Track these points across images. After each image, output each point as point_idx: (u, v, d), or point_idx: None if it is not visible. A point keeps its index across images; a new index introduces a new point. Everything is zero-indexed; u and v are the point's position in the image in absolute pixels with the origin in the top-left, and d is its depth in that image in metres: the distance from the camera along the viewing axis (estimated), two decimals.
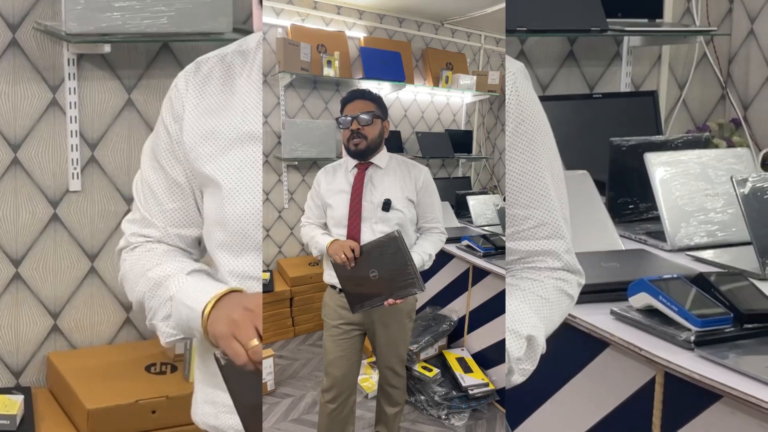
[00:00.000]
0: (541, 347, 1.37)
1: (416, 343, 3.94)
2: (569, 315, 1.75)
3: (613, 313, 1.82)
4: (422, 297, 4.25)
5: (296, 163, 5.08)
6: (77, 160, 3.08)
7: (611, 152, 2.59)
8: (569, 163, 2.51)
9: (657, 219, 2.41)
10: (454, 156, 6.17)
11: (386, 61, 5.53)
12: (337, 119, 2.76)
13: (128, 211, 1.52)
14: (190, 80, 1.39)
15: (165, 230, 1.41)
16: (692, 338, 1.61)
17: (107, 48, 2.84)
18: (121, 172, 3.19)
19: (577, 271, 1.43)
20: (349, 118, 2.67)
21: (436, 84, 6.04)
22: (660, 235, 2.38)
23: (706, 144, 2.70)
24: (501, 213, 4.13)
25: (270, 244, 4.80)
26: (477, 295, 3.94)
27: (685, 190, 2.40)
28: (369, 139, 2.67)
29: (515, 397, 1.42)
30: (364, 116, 2.67)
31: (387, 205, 2.64)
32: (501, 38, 6.63)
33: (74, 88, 3.02)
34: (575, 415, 2.07)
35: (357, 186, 2.69)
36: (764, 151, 2.85)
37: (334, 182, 2.73)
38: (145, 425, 2.77)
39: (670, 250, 2.32)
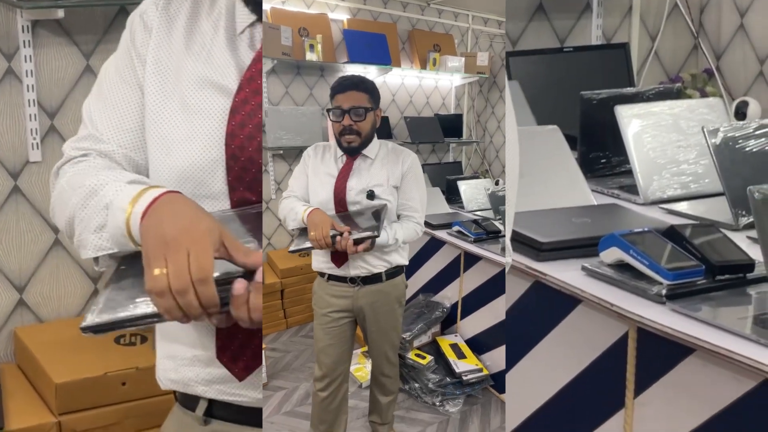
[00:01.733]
0: None
1: (409, 330, 3.93)
2: (540, 272, 1.79)
3: (584, 269, 1.78)
4: (414, 284, 4.25)
5: (281, 152, 5.01)
6: (36, 129, 3.02)
7: (582, 106, 2.54)
8: (540, 119, 2.49)
9: (629, 173, 2.37)
10: (445, 141, 6.17)
11: (371, 43, 5.46)
12: (327, 110, 2.70)
13: None
14: (158, 12, 1.32)
15: (115, 148, 1.29)
16: (664, 292, 1.58)
17: (61, 13, 2.78)
18: None
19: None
20: (340, 111, 2.61)
21: (423, 67, 6.01)
22: (633, 189, 2.35)
23: (678, 95, 2.65)
24: (492, 197, 4.11)
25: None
26: (469, 281, 3.93)
27: (657, 142, 2.36)
28: (362, 135, 2.63)
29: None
30: (358, 111, 2.60)
31: (371, 195, 2.61)
32: (489, 18, 6.59)
33: (30, 56, 2.95)
34: (550, 373, 2.05)
35: (343, 173, 2.68)
36: (737, 101, 2.80)
37: (321, 164, 2.70)
38: (115, 397, 2.74)
39: (642, 204, 2.29)
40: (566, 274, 1.79)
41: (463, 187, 4.73)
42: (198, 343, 1.28)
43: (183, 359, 1.31)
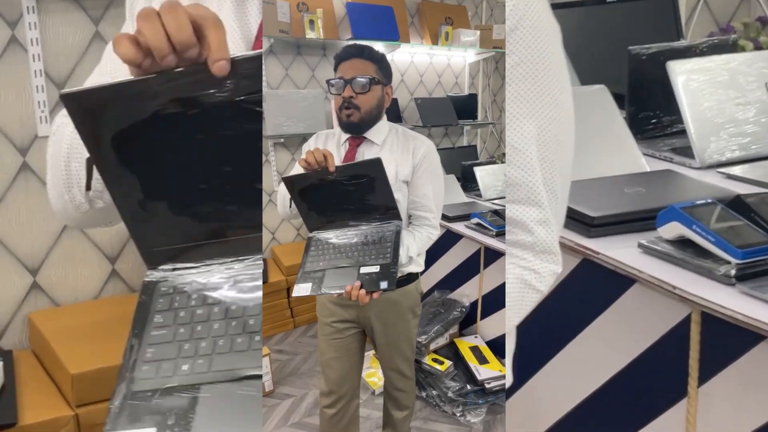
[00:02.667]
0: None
1: (425, 333, 3.72)
2: (590, 249, 1.66)
3: (640, 246, 1.62)
4: (428, 280, 4.04)
5: (283, 140, 4.74)
6: (44, 102, 2.89)
7: (630, 62, 2.36)
8: (583, 78, 2.31)
9: (683, 133, 2.21)
10: (458, 123, 5.87)
11: (377, 17, 5.15)
12: (328, 81, 2.41)
13: None
14: None
15: None
16: (733, 272, 1.43)
17: None
18: None
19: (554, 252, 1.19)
20: (341, 82, 2.32)
21: (434, 42, 5.70)
22: (687, 151, 2.18)
23: (733, 48, 2.46)
24: None
25: (262, 231, 4.57)
26: (490, 278, 3.73)
27: (713, 100, 2.18)
28: (363, 110, 2.31)
29: (535, 339, 1.21)
30: (360, 80, 2.30)
31: None
32: None
33: (35, 23, 2.81)
34: (602, 358, 1.93)
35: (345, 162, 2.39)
36: None
37: None
38: None
39: (698, 168, 2.13)
40: (620, 251, 1.63)
41: (480, 173, 4.45)
42: None
43: None
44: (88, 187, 1.02)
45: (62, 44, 2.91)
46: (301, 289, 2.17)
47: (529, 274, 1.13)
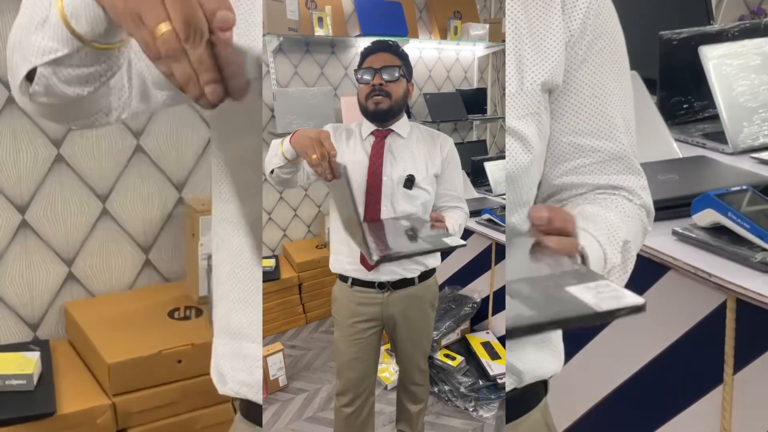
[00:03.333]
0: (632, 264, 1.11)
1: (437, 329, 3.71)
2: None
3: (675, 233, 1.61)
4: (439, 277, 4.01)
5: None
6: None
7: (661, 47, 2.34)
8: None
9: (715, 118, 2.19)
10: (468, 118, 5.82)
11: (385, 13, 5.11)
12: (355, 71, 2.42)
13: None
14: None
15: None
16: None
17: None
18: None
19: (651, 213, 1.20)
20: (371, 71, 2.33)
21: (443, 36, 5.66)
22: (720, 137, 2.16)
23: (765, 31, 2.43)
24: None
25: (273, 228, 4.58)
26: (501, 274, 3.72)
27: (746, 84, 2.16)
28: (393, 98, 2.31)
29: None
30: (390, 69, 2.33)
31: (410, 182, 2.30)
32: None
33: None
34: (635, 345, 1.93)
35: (375, 157, 2.36)
36: None
37: (346, 150, 2.38)
38: (170, 376, 2.64)
39: (732, 153, 2.10)
40: (654, 239, 1.62)
41: (490, 168, 4.41)
42: (258, 338, 1.15)
43: (256, 359, 1.17)
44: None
45: None
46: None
47: (643, 216, 1.18)
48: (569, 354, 2.09)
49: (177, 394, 2.65)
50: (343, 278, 2.41)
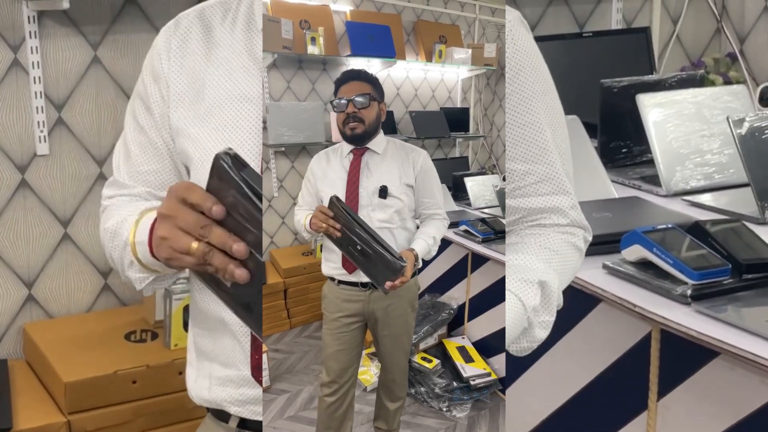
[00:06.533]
0: (557, 297, 1.24)
1: (415, 333, 3.82)
2: None
3: (605, 267, 1.72)
4: (421, 284, 4.14)
5: (283, 149, 4.87)
6: (44, 122, 2.97)
7: (602, 94, 2.48)
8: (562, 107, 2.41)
9: (651, 163, 2.32)
10: (451, 135, 6.01)
11: (374, 36, 5.29)
12: (330, 102, 2.66)
13: (100, 174, 1.40)
14: (170, 38, 1.29)
15: (140, 191, 1.31)
16: (689, 292, 1.52)
17: (66, 3, 2.71)
18: (90, 133, 3.06)
19: (584, 227, 1.33)
20: (344, 101, 2.57)
21: (429, 59, 5.85)
22: (655, 180, 2.29)
23: (701, 82, 2.58)
24: (500, 194, 3.99)
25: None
26: (477, 282, 3.84)
27: (679, 131, 2.29)
28: (366, 123, 2.58)
29: (509, 355, 1.30)
30: (360, 99, 2.56)
31: (384, 192, 2.55)
32: (497, 8, 6.44)
33: (36, 47, 2.90)
34: (569, 373, 2.01)
35: (353, 172, 2.61)
36: (762, 86, 2.71)
37: (328, 169, 2.65)
38: (125, 396, 2.68)
39: (665, 195, 2.23)
40: (586, 272, 1.72)
41: (470, 183, 4.56)
42: (232, 362, 1.27)
43: (217, 378, 1.30)
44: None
45: (62, 68, 2.98)
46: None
47: (572, 238, 1.31)
48: (510, 380, 2.18)
49: (131, 414, 2.69)
50: (332, 278, 2.65)
